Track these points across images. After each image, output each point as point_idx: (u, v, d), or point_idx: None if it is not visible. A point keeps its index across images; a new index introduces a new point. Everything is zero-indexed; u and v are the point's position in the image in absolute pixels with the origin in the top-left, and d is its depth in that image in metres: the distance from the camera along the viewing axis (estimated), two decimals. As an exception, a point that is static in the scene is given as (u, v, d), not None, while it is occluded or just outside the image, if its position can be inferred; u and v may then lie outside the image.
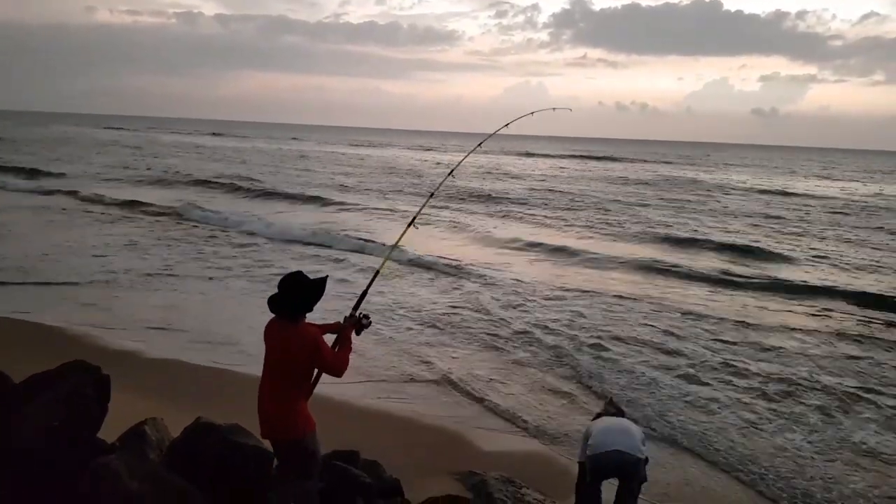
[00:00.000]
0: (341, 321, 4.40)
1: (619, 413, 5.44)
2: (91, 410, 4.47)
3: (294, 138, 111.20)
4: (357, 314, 4.39)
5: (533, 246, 19.91)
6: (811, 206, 34.18)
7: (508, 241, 20.69)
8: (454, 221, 24.35)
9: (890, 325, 12.65)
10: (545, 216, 26.87)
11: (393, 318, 11.53)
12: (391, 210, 26.90)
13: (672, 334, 11.22)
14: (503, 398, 8.36)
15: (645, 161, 77.43)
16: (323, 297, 4.12)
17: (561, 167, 60.82)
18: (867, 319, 12.95)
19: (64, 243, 16.66)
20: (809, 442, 7.48)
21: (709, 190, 41.53)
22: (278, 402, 3.99)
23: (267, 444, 4.37)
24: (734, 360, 9.97)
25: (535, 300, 13.33)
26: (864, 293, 14.84)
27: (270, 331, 4.07)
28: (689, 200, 34.61)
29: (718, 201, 34.95)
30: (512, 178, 45.37)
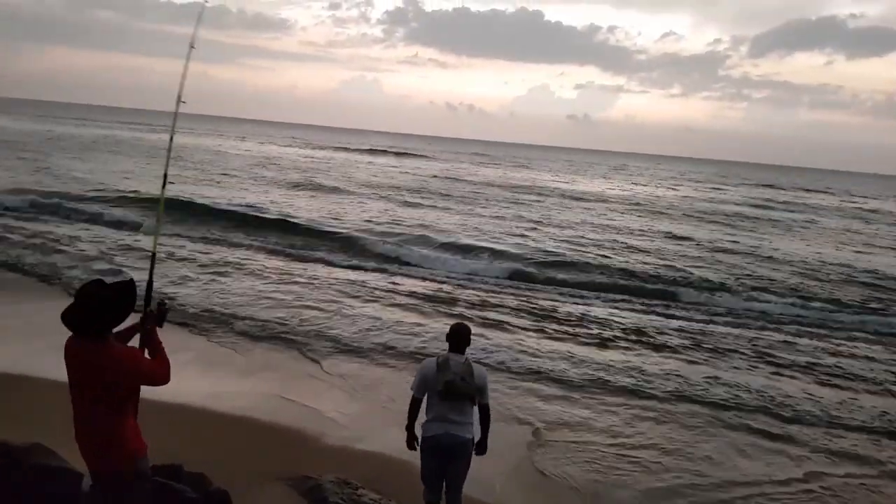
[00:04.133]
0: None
1: (461, 346, 5.01)
2: None
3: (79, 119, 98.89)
4: (151, 306, 3.78)
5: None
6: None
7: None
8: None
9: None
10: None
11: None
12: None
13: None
14: (326, 393, 8.21)
15: (450, 160, 79.70)
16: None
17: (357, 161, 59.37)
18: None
19: None
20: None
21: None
22: (99, 430, 3.36)
23: (81, 465, 3.71)
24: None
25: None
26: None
27: (73, 351, 3.34)
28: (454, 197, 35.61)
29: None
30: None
